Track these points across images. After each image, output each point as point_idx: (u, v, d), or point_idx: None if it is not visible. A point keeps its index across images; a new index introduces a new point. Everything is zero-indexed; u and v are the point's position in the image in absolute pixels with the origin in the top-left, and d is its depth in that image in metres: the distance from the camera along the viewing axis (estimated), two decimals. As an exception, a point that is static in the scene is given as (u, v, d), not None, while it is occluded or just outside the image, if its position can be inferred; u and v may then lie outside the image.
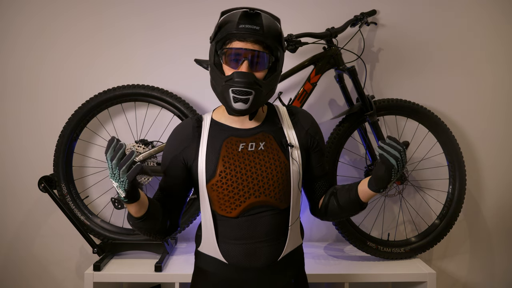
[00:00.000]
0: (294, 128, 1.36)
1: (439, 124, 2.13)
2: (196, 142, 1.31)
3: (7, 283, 2.24)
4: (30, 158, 2.21)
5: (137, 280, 1.87)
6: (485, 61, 2.29)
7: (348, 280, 1.86)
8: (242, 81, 1.20)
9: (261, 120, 1.35)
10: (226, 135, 1.31)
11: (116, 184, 1.12)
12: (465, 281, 2.36)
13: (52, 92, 2.20)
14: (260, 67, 1.24)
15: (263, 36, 1.21)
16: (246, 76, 1.20)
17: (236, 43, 1.22)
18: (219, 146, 1.29)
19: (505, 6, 2.27)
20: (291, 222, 1.32)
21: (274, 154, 1.29)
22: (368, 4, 2.18)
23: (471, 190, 2.31)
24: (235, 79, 1.21)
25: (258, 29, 1.20)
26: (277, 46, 1.25)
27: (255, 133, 1.32)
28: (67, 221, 2.02)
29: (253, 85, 1.21)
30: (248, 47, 1.22)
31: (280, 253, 1.31)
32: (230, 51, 1.23)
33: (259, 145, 1.29)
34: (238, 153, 1.28)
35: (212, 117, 1.36)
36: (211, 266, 1.32)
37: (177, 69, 2.20)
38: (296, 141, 1.34)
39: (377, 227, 2.28)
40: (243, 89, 1.21)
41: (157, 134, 2.16)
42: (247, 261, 1.28)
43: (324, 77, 2.02)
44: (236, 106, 1.23)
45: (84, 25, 2.19)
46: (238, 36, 1.21)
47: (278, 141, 1.31)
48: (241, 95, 1.21)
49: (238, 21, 1.21)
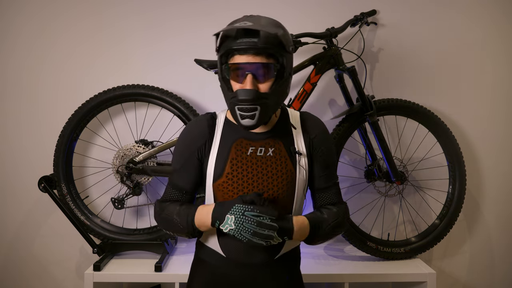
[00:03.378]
0: (303, 134, 1.36)
1: (439, 124, 2.13)
2: (210, 140, 1.33)
3: (7, 283, 2.24)
4: (30, 158, 2.21)
5: (137, 280, 1.87)
6: (485, 61, 2.29)
7: (348, 280, 1.86)
8: (246, 99, 1.21)
9: (273, 125, 1.35)
10: (236, 137, 1.32)
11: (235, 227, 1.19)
12: (465, 281, 2.36)
13: (52, 92, 2.20)
14: (265, 77, 1.23)
15: (263, 47, 1.19)
16: (249, 94, 1.20)
17: (238, 57, 1.22)
18: (229, 147, 1.31)
19: (505, 6, 2.27)
20: None
21: (282, 162, 1.30)
22: (368, 4, 2.18)
23: (471, 190, 2.31)
24: (238, 97, 1.21)
25: (256, 41, 1.18)
26: (280, 52, 1.22)
27: (265, 137, 1.32)
28: (67, 221, 2.02)
29: (257, 100, 1.21)
30: (250, 61, 1.21)
31: (278, 252, 1.33)
32: (233, 66, 1.23)
33: (268, 151, 1.31)
34: (246, 156, 1.30)
35: (226, 116, 1.37)
36: (210, 257, 1.35)
37: (177, 69, 2.20)
38: (304, 149, 1.34)
39: (377, 227, 2.28)
40: (248, 106, 1.21)
41: (157, 134, 2.16)
42: (244, 257, 1.31)
43: (324, 77, 2.02)
44: (244, 122, 1.24)
45: (84, 25, 2.19)
46: (239, 50, 1.21)
47: (287, 148, 1.32)
48: (246, 112, 1.22)
49: (235, 36, 1.21)
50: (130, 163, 1.98)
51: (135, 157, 1.99)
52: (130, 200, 2.08)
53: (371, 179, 2.08)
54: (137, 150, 2.01)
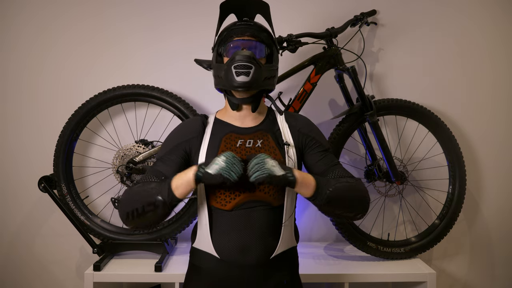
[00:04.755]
0: (290, 129, 1.42)
1: (439, 124, 2.13)
2: (201, 136, 1.39)
3: (7, 283, 2.24)
4: (30, 158, 2.21)
5: (137, 280, 1.87)
6: (485, 61, 2.29)
7: (348, 280, 1.85)
8: (243, 56, 1.31)
9: (260, 121, 1.43)
10: (226, 131, 1.38)
11: (226, 165, 1.18)
12: (465, 281, 2.36)
13: (52, 92, 2.20)
14: (258, 55, 1.35)
15: (258, 30, 1.37)
16: (245, 53, 1.32)
17: (235, 38, 1.36)
18: (219, 141, 1.36)
19: (505, 6, 2.27)
20: (285, 220, 1.35)
21: (270, 152, 1.35)
22: (368, 4, 2.18)
23: (471, 190, 2.31)
24: (236, 57, 1.31)
25: (252, 24, 1.38)
26: (270, 42, 1.39)
27: (253, 131, 1.39)
28: (67, 221, 2.02)
29: (253, 60, 1.31)
30: (246, 39, 1.35)
31: (272, 251, 1.33)
32: (230, 45, 1.36)
33: (257, 142, 1.36)
34: (236, 148, 1.35)
35: (216, 116, 1.46)
36: (205, 262, 1.35)
37: (177, 69, 2.20)
38: (292, 141, 1.40)
39: (377, 227, 2.28)
40: (244, 63, 1.30)
41: (157, 134, 2.16)
42: (239, 257, 1.30)
43: (324, 77, 2.02)
44: (239, 79, 1.30)
45: (84, 25, 2.19)
46: (237, 32, 1.36)
47: (275, 140, 1.38)
48: (242, 69, 1.30)
49: (234, 22, 1.39)
50: (130, 163, 1.98)
51: (135, 157, 1.99)
52: (130, 200, 2.08)
53: (371, 179, 2.08)
54: (137, 150, 2.01)
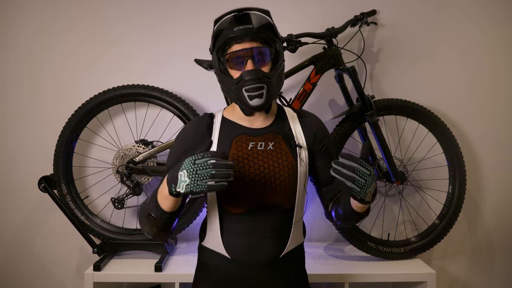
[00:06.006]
0: (303, 130, 1.38)
1: (439, 124, 2.13)
2: (209, 139, 1.32)
3: (7, 283, 2.24)
4: (30, 158, 2.21)
5: (137, 280, 1.87)
6: (485, 61, 2.29)
7: (348, 280, 1.86)
8: (252, 78, 1.24)
9: (271, 121, 1.37)
10: (236, 133, 1.33)
11: (190, 180, 1.06)
12: (465, 281, 2.36)
13: (52, 92, 2.20)
14: (263, 61, 1.28)
15: (258, 31, 1.26)
16: (254, 73, 1.24)
17: (235, 46, 1.27)
18: (229, 143, 1.31)
19: (505, 6, 2.27)
20: (295, 221, 1.33)
21: (282, 155, 1.31)
22: (368, 4, 2.18)
23: (471, 190, 2.31)
24: (245, 78, 1.24)
25: (251, 27, 1.25)
26: (273, 38, 1.29)
27: (264, 133, 1.34)
28: (67, 221, 2.02)
29: (263, 79, 1.25)
30: (247, 47, 1.26)
31: (282, 250, 1.32)
32: (232, 55, 1.27)
33: (268, 145, 1.32)
34: (247, 151, 1.30)
35: (223, 115, 1.39)
36: (214, 260, 1.34)
37: (177, 69, 2.20)
38: (304, 142, 1.36)
39: (377, 227, 2.28)
40: (255, 85, 1.24)
41: (157, 134, 2.16)
42: (249, 257, 1.29)
43: (324, 77, 2.02)
44: (253, 103, 1.26)
45: (84, 25, 2.19)
46: (235, 39, 1.26)
47: (287, 142, 1.33)
48: (254, 91, 1.24)
49: (231, 26, 1.26)
50: (130, 163, 1.98)
51: (135, 157, 1.99)
52: (130, 200, 2.08)
53: (371, 179, 2.08)
54: (137, 150, 2.01)
